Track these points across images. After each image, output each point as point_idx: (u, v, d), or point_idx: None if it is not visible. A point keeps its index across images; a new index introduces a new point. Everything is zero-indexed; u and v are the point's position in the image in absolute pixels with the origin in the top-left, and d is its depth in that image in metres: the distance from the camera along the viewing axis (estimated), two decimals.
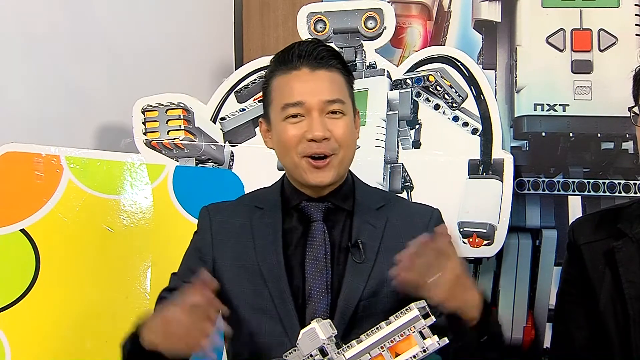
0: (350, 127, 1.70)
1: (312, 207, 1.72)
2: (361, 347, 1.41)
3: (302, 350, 1.41)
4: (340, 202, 1.73)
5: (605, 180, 2.37)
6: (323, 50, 1.70)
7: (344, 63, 1.74)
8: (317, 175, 1.67)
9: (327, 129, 1.65)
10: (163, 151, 2.37)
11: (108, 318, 2.23)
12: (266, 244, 1.70)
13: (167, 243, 2.24)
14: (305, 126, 1.66)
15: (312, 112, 1.66)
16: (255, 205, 1.76)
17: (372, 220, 1.72)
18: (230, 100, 2.41)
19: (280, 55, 1.72)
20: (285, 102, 1.67)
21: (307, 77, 1.67)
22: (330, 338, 1.42)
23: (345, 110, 1.69)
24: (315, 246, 1.69)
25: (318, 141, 1.65)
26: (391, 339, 1.41)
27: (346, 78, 1.73)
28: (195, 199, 2.27)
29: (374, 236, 1.70)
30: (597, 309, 1.78)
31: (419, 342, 1.40)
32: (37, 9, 2.40)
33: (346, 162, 1.71)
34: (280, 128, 1.69)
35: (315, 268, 1.67)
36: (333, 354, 1.41)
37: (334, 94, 1.67)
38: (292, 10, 2.53)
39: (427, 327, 1.41)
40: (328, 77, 1.68)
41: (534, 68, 2.42)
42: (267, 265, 1.68)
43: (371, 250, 1.68)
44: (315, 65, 1.68)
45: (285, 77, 1.69)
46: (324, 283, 1.66)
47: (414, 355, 1.40)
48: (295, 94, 1.66)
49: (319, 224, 1.70)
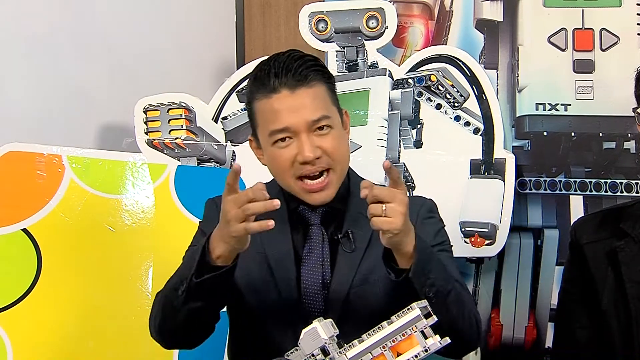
0: (340, 138, 1.67)
1: (309, 212, 1.70)
2: (363, 346, 1.41)
3: (303, 350, 1.41)
4: (336, 204, 1.71)
5: (607, 179, 2.37)
6: (299, 65, 1.63)
7: (323, 70, 1.68)
8: (316, 197, 1.65)
9: (317, 147, 1.62)
10: (165, 151, 2.37)
11: (110, 317, 2.23)
12: (273, 233, 1.64)
13: (169, 242, 2.24)
14: (295, 148, 1.62)
15: (300, 134, 1.61)
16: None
17: (364, 211, 1.66)
18: (232, 100, 2.41)
19: (257, 75, 1.66)
20: (271, 129, 1.63)
21: (288, 100, 1.62)
22: (332, 337, 1.42)
23: (332, 123, 1.65)
24: (315, 252, 1.68)
25: (311, 163, 1.62)
26: (393, 338, 1.41)
27: (327, 86, 1.67)
28: (196, 199, 2.27)
29: (365, 226, 1.65)
30: (600, 308, 1.78)
31: (420, 342, 1.40)
32: (38, 9, 2.40)
33: (343, 174, 1.69)
34: (271, 152, 1.66)
35: (313, 264, 1.67)
36: (335, 354, 1.41)
37: (318, 112, 1.62)
38: (294, 10, 2.53)
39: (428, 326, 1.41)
40: (309, 95, 1.63)
41: (536, 68, 2.42)
42: (275, 254, 1.68)
43: (362, 240, 1.68)
44: (294, 84, 1.62)
45: (266, 102, 1.64)
46: (320, 279, 1.66)
47: (416, 355, 1.40)
48: (279, 120, 1.62)
49: (317, 228, 1.70)
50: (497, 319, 2.45)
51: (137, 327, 2.22)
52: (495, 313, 2.45)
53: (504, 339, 2.45)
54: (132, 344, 2.23)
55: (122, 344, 2.23)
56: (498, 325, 2.45)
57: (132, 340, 2.22)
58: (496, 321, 2.45)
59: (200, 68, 2.77)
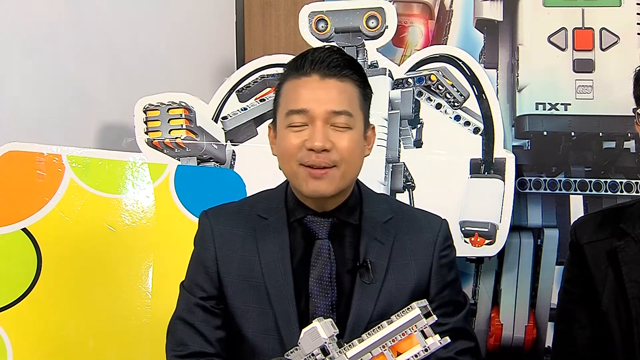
0: (357, 142, 1.63)
1: (316, 223, 1.66)
2: (363, 346, 1.42)
3: (303, 349, 1.42)
4: (345, 216, 1.67)
5: (607, 179, 2.37)
6: (338, 59, 1.62)
7: (361, 74, 1.66)
8: (314, 184, 1.60)
9: (330, 140, 1.59)
10: (165, 150, 2.37)
11: (110, 317, 2.23)
12: (273, 262, 1.65)
13: (169, 242, 2.25)
14: (307, 135, 1.60)
15: (316, 121, 1.59)
16: (258, 214, 1.70)
17: (380, 237, 1.66)
18: (231, 100, 2.41)
19: (294, 60, 1.66)
20: (290, 109, 1.61)
21: (316, 84, 1.61)
22: (332, 337, 1.42)
23: (353, 124, 1.61)
24: (320, 265, 1.64)
25: (317, 151, 1.59)
26: (393, 338, 1.41)
27: (361, 90, 1.65)
28: (196, 198, 2.28)
29: (382, 254, 1.65)
30: (600, 308, 1.77)
31: (420, 341, 1.40)
32: (38, 9, 2.40)
33: (348, 177, 1.63)
34: (283, 134, 1.63)
35: (320, 288, 1.63)
36: (334, 353, 1.41)
37: (342, 105, 1.60)
38: (294, 10, 2.53)
39: (428, 326, 1.41)
40: (338, 87, 1.61)
41: (536, 67, 2.42)
42: (273, 284, 1.63)
43: (380, 270, 1.63)
44: (326, 73, 1.61)
45: (294, 83, 1.63)
46: (329, 303, 1.63)
47: (416, 355, 1.40)
48: (300, 101, 1.60)
49: (324, 242, 1.65)
50: (497, 319, 2.45)
51: (137, 327, 2.22)
52: (495, 313, 2.45)
53: (504, 338, 2.45)
54: (132, 344, 2.23)
55: (122, 344, 2.23)
56: (498, 325, 2.45)
57: (132, 340, 2.23)
58: (496, 321, 2.45)
59: (200, 68, 2.77)
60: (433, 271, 1.67)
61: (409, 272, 1.66)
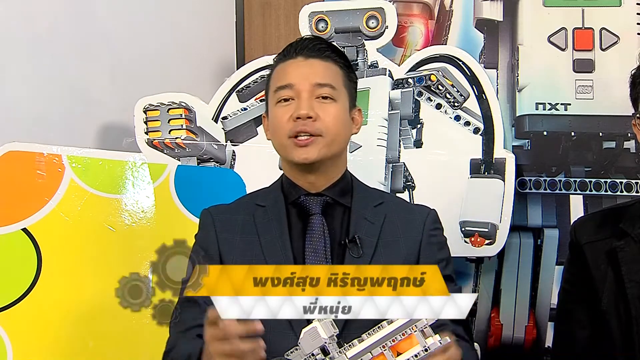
0: (341, 115, 1.74)
1: (310, 200, 1.75)
2: (363, 346, 1.42)
3: (303, 349, 1.42)
4: (338, 196, 1.75)
5: (607, 179, 2.37)
6: (321, 44, 1.78)
7: (344, 58, 1.80)
8: (301, 152, 1.70)
9: (315, 111, 1.70)
10: (165, 150, 2.37)
11: (110, 317, 2.23)
12: (272, 240, 1.72)
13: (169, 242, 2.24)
14: (294, 108, 1.71)
15: (302, 93, 1.71)
16: (256, 203, 1.79)
17: (370, 217, 1.74)
18: (232, 100, 2.41)
19: (282, 50, 1.80)
20: (278, 85, 1.74)
21: (301, 63, 1.75)
22: (332, 337, 1.42)
23: (337, 96, 1.74)
24: (315, 238, 1.71)
25: (303, 119, 1.69)
26: (393, 338, 1.41)
27: (344, 71, 1.78)
28: (197, 199, 2.27)
29: (372, 232, 1.72)
30: (600, 308, 1.78)
31: (420, 341, 1.40)
32: (39, 9, 2.40)
33: (334, 146, 1.73)
34: (273, 112, 1.75)
35: (316, 259, 1.69)
36: (335, 353, 1.41)
37: (325, 79, 1.73)
38: (294, 10, 2.53)
39: (428, 326, 1.41)
40: (321, 65, 1.75)
41: (536, 67, 2.42)
42: (274, 260, 1.68)
43: (369, 245, 1.70)
44: (310, 54, 1.75)
45: (281, 66, 1.77)
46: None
47: (416, 355, 1.40)
48: (287, 77, 1.74)
49: (317, 217, 1.73)
50: (497, 319, 2.45)
51: (137, 327, 2.22)
52: (495, 313, 2.45)
53: (504, 338, 2.45)
54: (132, 344, 2.23)
55: (122, 344, 2.23)
56: (498, 325, 2.45)
57: (132, 340, 2.23)
58: (496, 321, 2.45)
59: (200, 68, 2.77)
60: (422, 247, 1.74)
61: (398, 248, 1.72)
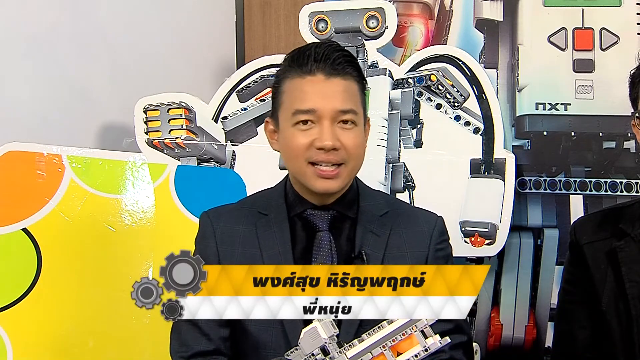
0: (361, 138, 1.67)
1: (317, 216, 1.69)
2: (363, 346, 1.42)
3: (303, 349, 1.41)
4: (345, 209, 1.70)
5: (607, 179, 2.37)
6: (340, 56, 1.65)
7: (359, 70, 1.70)
8: (324, 183, 1.63)
9: (338, 139, 1.62)
10: (165, 150, 2.37)
11: (110, 317, 2.23)
12: (275, 256, 1.66)
13: (169, 242, 2.24)
14: (316, 134, 1.62)
15: (324, 120, 1.62)
16: (259, 210, 1.73)
17: (376, 229, 1.69)
18: (232, 100, 2.41)
19: (295, 56, 1.68)
20: (297, 108, 1.63)
21: (322, 84, 1.63)
22: (332, 337, 1.42)
23: (358, 120, 1.65)
24: (322, 257, 1.66)
25: (327, 150, 1.62)
26: (393, 338, 1.41)
27: (360, 85, 1.69)
28: (197, 199, 2.27)
29: (378, 246, 1.68)
30: (600, 308, 1.77)
31: (420, 342, 1.40)
32: (38, 9, 2.40)
33: (354, 172, 1.68)
34: (289, 134, 1.65)
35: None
36: (335, 353, 1.41)
37: (348, 104, 1.63)
38: (294, 10, 2.53)
39: (428, 326, 1.41)
40: (342, 86, 1.64)
41: (536, 67, 2.42)
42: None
43: (375, 261, 1.65)
44: (330, 71, 1.64)
45: (298, 81, 1.65)
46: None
47: (416, 355, 1.40)
48: (308, 100, 1.63)
49: (325, 234, 1.68)
50: (497, 319, 2.45)
51: (137, 327, 2.22)
52: (495, 312, 2.45)
53: (504, 338, 2.45)
54: (132, 344, 2.23)
55: (122, 344, 2.23)
56: (498, 325, 2.45)
57: (132, 340, 2.23)
58: (496, 321, 2.45)
59: (200, 68, 2.77)
60: (428, 262, 1.69)
61: (404, 263, 1.66)
